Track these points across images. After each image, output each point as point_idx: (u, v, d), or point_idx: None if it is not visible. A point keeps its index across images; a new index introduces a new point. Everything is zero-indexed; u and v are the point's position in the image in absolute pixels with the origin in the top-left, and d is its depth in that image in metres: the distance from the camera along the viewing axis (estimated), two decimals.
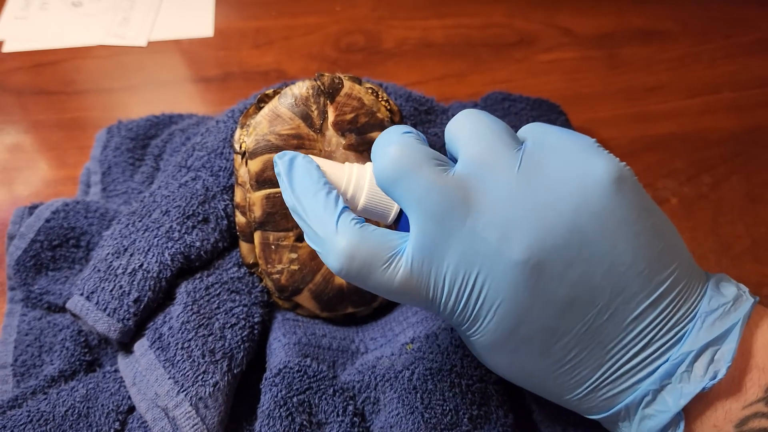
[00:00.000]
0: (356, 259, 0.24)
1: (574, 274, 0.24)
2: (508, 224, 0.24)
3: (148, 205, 0.37)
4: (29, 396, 0.34)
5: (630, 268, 0.24)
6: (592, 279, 0.24)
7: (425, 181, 0.24)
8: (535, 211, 0.24)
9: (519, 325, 0.25)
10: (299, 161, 0.27)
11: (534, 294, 0.24)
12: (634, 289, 0.24)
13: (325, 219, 0.25)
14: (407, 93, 0.43)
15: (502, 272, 0.24)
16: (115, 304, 0.33)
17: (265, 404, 0.32)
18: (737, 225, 0.47)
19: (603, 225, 0.24)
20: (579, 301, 0.24)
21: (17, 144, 0.50)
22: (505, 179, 0.24)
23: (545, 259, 0.24)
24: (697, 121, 0.53)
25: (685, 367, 0.24)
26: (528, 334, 0.25)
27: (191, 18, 0.60)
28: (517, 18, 0.61)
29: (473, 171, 0.25)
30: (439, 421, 0.31)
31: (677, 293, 0.25)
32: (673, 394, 0.24)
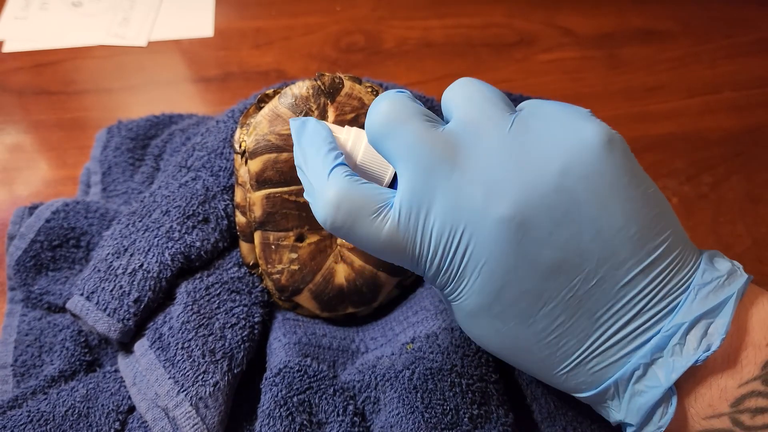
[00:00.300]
0: (342, 208, 0.25)
1: (561, 236, 0.23)
2: (494, 181, 0.24)
3: (148, 205, 0.37)
4: (29, 396, 0.34)
5: (620, 232, 0.24)
6: (579, 242, 0.23)
7: (413, 134, 0.24)
8: (522, 170, 0.24)
9: (504, 286, 0.24)
10: (311, 122, 0.28)
11: (519, 253, 0.23)
12: (624, 254, 0.24)
13: (320, 171, 0.26)
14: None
15: (487, 229, 0.23)
16: (116, 304, 0.33)
17: (266, 404, 0.32)
18: (737, 225, 0.47)
19: (592, 187, 0.24)
20: (566, 265, 0.24)
21: (17, 144, 0.50)
22: (495, 138, 0.24)
23: (531, 218, 0.23)
24: (697, 121, 0.53)
25: (678, 339, 0.23)
26: (513, 297, 0.24)
27: (191, 18, 0.60)
28: (517, 18, 0.61)
29: (464, 129, 0.25)
30: (440, 421, 0.31)
31: (670, 262, 0.24)
32: (664, 368, 0.24)
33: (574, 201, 0.23)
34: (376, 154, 0.27)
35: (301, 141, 0.27)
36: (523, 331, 0.25)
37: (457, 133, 0.25)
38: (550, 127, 0.24)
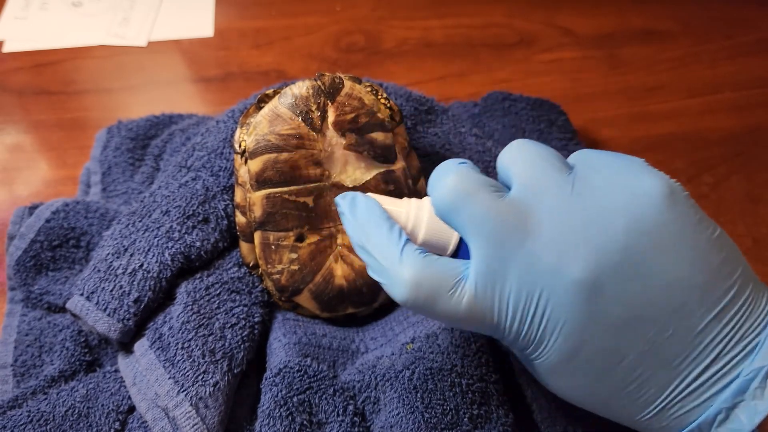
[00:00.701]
0: (423, 288, 0.25)
1: (632, 292, 0.24)
2: (564, 245, 0.24)
3: (148, 205, 0.37)
4: (29, 396, 0.34)
5: (689, 282, 0.24)
6: (650, 295, 0.24)
7: (483, 207, 0.25)
8: (589, 231, 0.24)
9: (582, 345, 0.25)
10: (361, 198, 0.28)
11: (593, 312, 0.24)
12: (695, 303, 0.24)
13: (389, 250, 0.26)
14: (407, 93, 0.43)
15: (563, 292, 0.24)
16: (116, 304, 0.33)
17: (266, 404, 0.31)
18: (738, 225, 0.47)
19: (656, 241, 0.24)
20: (639, 319, 0.24)
21: (17, 144, 0.50)
22: (559, 202, 0.25)
23: (602, 277, 0.24)
24: (697, 121, 0.53)
25: (759, 382, 0.24)
26: (591, 354, 0.25)
27: (191, 18, 0.60)
28: (517, 18, 0.61)
29: (527, 195, 0.25)
30: (440, 421, 0.31)
31: (741, 305, 0.24)
32: (747, 412, 0.24)
33: (641, 257, 0.24)
34: (439, 224, 0.27)
35: (357, 218, 0.27)
36: (602, 384, 0.25)
37: (523, 200, 0.25)
38: (611, 183, 0.25)
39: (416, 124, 0.42)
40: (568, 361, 0.25)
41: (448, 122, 0.43)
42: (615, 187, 0.25)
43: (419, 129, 0.42)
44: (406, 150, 0.36)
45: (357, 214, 0.28)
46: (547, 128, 0.47)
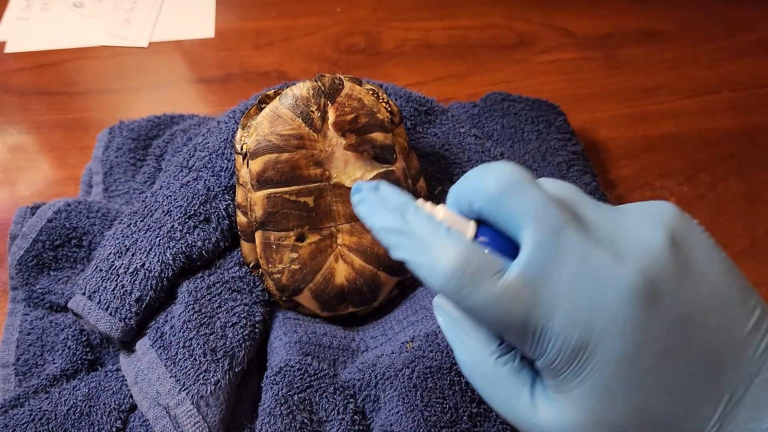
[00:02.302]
0: (471, 265, 0.24)
1: (683, 292, 0.24)
2: (615, 244, 0.24)
3: (149, 205, 0.37)
4: (31, 395, 0.34)
5: (726, 289, 0.24)
6: (699, 297, 0.24)
7: (541, 194, 0.24)
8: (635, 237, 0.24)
9: (641, 349, 0.23)
10: (384, 184, 0.27)
11: (652, 313, 0.23)
12: (734, 311, 0.24)
13: (432, 229, 0.25)
14: (407, 94, 0.43)
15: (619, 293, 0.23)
16: (117, 304, 0.33)
17: (266, 402, 0.32)
18: (736, 225, 0.47)
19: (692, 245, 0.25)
20: (692, 320, 0.24)
21: (19, 144, 0.50)
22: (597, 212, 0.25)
23: (656, 276, 0.24)
24: (696, 121, 0.53)
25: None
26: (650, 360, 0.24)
27: (192, 19, 0.60)
28: (516, 19, 0.61)
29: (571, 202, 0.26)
30: (439, 419, 0.31)
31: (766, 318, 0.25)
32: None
33: (684, 259, 0.24)
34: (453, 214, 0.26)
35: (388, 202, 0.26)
36: (661, 399, 0.24)
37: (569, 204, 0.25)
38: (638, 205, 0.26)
39: (416, 124, 0.42)
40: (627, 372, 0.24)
41: (448, 123, 0.43)
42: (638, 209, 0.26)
43: (419, 129, 0.42)
44: (405, 150, 0.37)
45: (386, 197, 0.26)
46: (545, 129, 0.47)
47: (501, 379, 0.26)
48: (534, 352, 0.25)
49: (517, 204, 0.25)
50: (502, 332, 0.25)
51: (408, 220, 0.25)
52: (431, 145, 0.42)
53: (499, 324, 0.24)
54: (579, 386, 0.24)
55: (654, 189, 0.49)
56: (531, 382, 0.26)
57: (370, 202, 0.27)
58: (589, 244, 0.24)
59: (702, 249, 0.25)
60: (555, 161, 0.45)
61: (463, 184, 0.26)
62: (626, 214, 0.26)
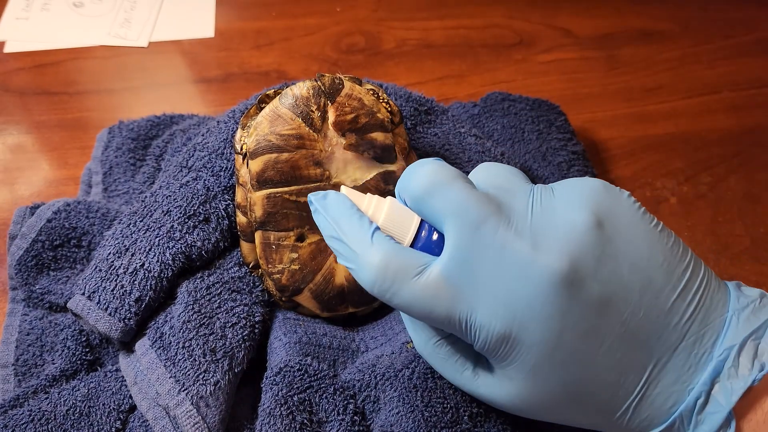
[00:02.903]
0: (390, 269, 0.25)
1: (604, 272, 0.25)
2: (536, 232, 0.25)
3: (149, 205, 0.37)
4: (31, 395, 0.34)
5: (650, 261, 0.25)
6: (620, 275, 0.25)
7: (462, 191, 0.26)
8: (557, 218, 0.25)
9: (563, 330, 0.25)
10: (332, 194, 0.29)
11: (572, 295, 0.24)
12: (660, 281, 0.25)
13: (360, 236, 0.27)
14: (407, 93, 0.43)
15: (539, 277, 0.24)
16: (117, 304, 0.33)
17: (266, 403, 0.32)
18: (736, 224, 0.47)
19: (615, 224, 0.25)
20: (614, 299, 0.25)
21: (19, 144, 0.50)
22: (526, 197, 0.26)
23: (577, 260, 0.24)
24: (696, 121, 0.53)
25: (731, 362, 0.24)
26: (573, 340, 0.25)
27: (192, 19, 0.60)
28: (516, 19, 0.61)
29: (498, 192, 0.27)
30: (440, 420, 0.31)
31: (700, 284, 0.25)
32: (723, 392, 0.24)
33: (607, 238, 0.25)
34: (398, 214, 0.28)
35: (328, 211, 0.28)
36: (585, 374, 0.25)
37: (493, 194, 0.26)
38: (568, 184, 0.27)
39: (416, 124, 0.42)
40: (551, 353, 0.25)
41: (448, 123, 0.43)
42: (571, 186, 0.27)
43: (419, 129, 0.42)
44: (405, 150, 0.36)
45: (328, 207, 0.28)
46: (546, 128, 0.47)
47: (445, 359, 0.29)
48: (465, 339, 0.26)
49: (439, 203, 0.26)
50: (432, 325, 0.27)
51: (342, 228, 0.27)
52: (431, 145, 0.42)
53: (426, 319, 0.26)
54: (510, 366, 0.26)
55: (654, 189, 0.49)
56: (475, 357, 0.28)
57: (318, 212, 0.29)
58: (508, 236, 0.25)
59: (628, 224, 0.26)
60: (555, 161, 0.45)
61: (400, 182, 0.28)
62: (556, 196, 0.26)
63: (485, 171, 0.28)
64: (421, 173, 0.27)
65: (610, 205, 0.26)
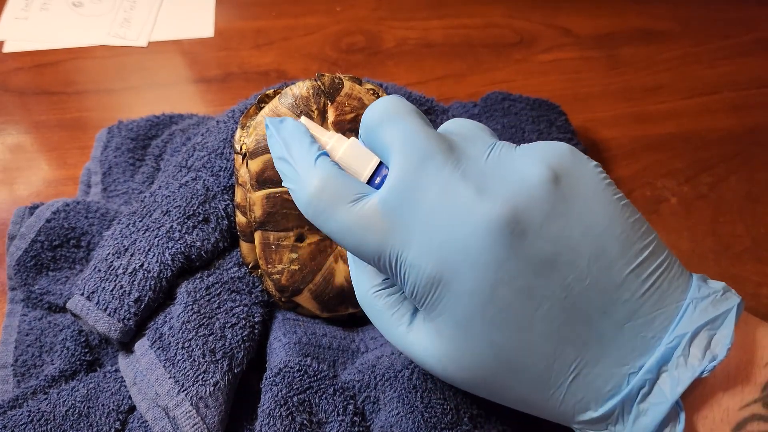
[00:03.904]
0: (326, 191, 0.25)
1: (552, 229, 0.23)
2: (484, 178, 0.24)
3: (148, 205, 0.37)
4: (30, 396, 0.34)
5: (606, 230, 0.24)
6: (570, 237, 0.23)
7: (412, 125, 0.25)
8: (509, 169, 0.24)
9: (496, 284, 0.23)
10: (289, 120, 0.28)
11: (511, 247, 0.23)
12: (614, 252, 0.23)
13: (305, 159, 0.26)
14: (407, 93, 0.43)
15: (477, 225, 0.23)
16: (116, 304, 0.33)
17: (266, 403, 0.32)
18: (737, 225, 0.47)
19: (575, 185, 0.24)
20: (558, 260, 0.23)
21: (18, 144, 0.50)
22: (483, 144, 0.25)
23: (522, 212, 0.23)
24: (696, 121, 0.53)
25: (681, 350, 0.23)
26: (507, 296, 0.23)
27: (192, 18, 0.60)
28: (516, 18, 0.61)
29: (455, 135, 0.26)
30: (440, 420, 0.31)
31: (659, 265, 0.24)
32: (669, 382, 0.23)
33: (561, 196, 0.24)
34: (358, 150, 0.27)
35: (281, 133, 0.27)
36: (519, 338, 0.24)
37: (450, 137, 0.26)
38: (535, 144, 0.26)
39: None
40: (482, 306, 0.23)
41: None
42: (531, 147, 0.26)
43: None
44: None
45: (282, 129, 0.27)
46: (546, 128, 0.47)
47: (381, 310, 0.27)
48: (395, 281, 0.25)
49: (388, 134, 0.25)
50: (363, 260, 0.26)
51: (290, 148, 0.26)
52: None
53: (356, 251, 0.25)
54: (439, 317, 0.24)
55: (655, 188, 0.48)
56: (412, 312, 0.27)
57: (272, 135, 0.28)
58: (453, 176, 0.24)
59: (587, 189, 0.24)
60: None
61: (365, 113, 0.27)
62: (516, 152, 0.25)
63: (453, 122, 0.27)
64: (376, 106, 0.26)
65: (572, 166, 0.24)
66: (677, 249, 0.25)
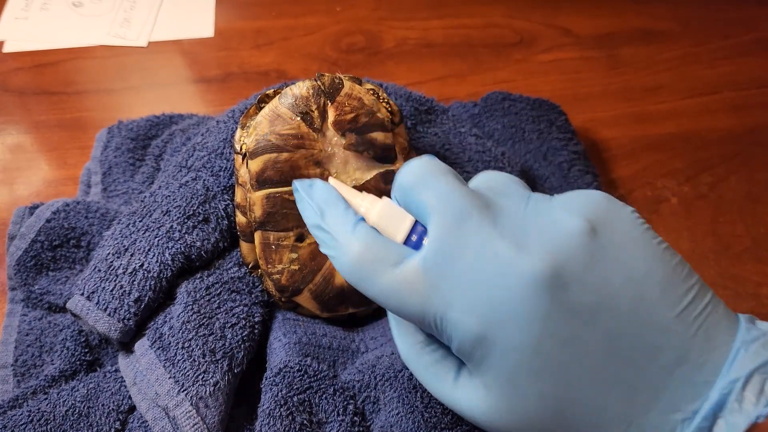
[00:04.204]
0: (368, 257, 0.25)
1: (593, 279, 0.23)
2: (523, 234, 0.24)
3: (148, 205, 0.37)
4: (30, 396, 0.34)
5: (646, 276, 0.24)
6: (610, 285, 0.23)
7: (448, 185, 0.25)
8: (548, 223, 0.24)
9: (541, 336, 0.23)
10: (318, 182, 0.28)
11: (554, 300, 0.23)
12: (655, 297, 0.23)
13: (343, 225, 0.26)
14: (407, 93, 0.43)
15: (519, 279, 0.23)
16: (116, 304, 0.33)
17: (266, 403, 0.32)
18: (737, 225, 0.47)
19: (612, 234, 0.24)
20: (601, 308, 0.23)
21: (18, 144, 0.50)
22: (519, 200, 0.26)
23: (562, 265, 0.23)
24: (696, 121, 0.53)
25: (735, 395, 0.22)
26: (552, 348, 0.23)
27: (192, 18, 0.60)
28: (517, 18, 0.61)
29: (490, 191, 0.26)
30: (440, 420, 0.31)
31: (704, 308, 0.24)
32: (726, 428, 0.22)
33: (600, 246, 0.24)
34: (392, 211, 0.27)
35: (313, 198, 0.28)
36: (567, 388, 0.24)
37: (485, 193, 0.26)
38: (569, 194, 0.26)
39: (416, 124, 0.42)
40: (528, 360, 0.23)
41: (448, 122, 0.43)
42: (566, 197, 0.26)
43: (419, 129, 0.42)
44: (406, 150, 0.36)
45: (314, 195, 0.28)
46: (546, 128, 0.47)
47: (427, 366, 0.27)
48: (442, 339, 0.25)
49: (424, 196, 0.25)
50: (407, 320, 0.26)
51: (325, 215, 0.27)
52: (432, 145, 0.42)
53: (401, 313, 0.25)
54: (487, 372, 0.24)
55: (655, 189, 0.48)
56: (457, 367, 0.27)
57: (303, 199, 0.28)
58: (493, 233, 0.24)
59: (626, 237, 0.24)
60: (556, 161, 0.45)
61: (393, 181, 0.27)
62: (553, 203, 0.26)
63: (484, 175, 0.28)
64: (410, 167, 0.26)
65: (609, 215, 0.25)
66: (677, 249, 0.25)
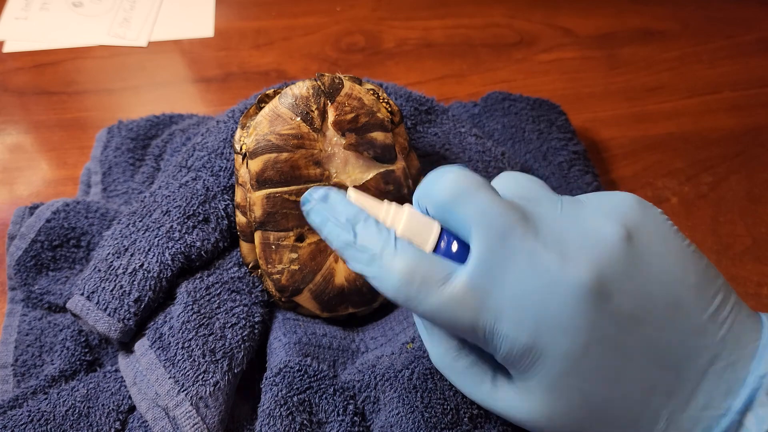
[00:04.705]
0: (416, 277, 0.25)
1: (632, 286, 0.24)
2: (565, 244, 0.25)
3: (148, 205, 0.37)
4: (30, 396, 0.34)
5: (682, 282, 0.24)
6: (649, 291, 0.24)
7: (487, 199, 0.25)
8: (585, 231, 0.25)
9: (589, 342, 0.24)
10: (333, 194, 0.27)
11: (598, 308, 0.24)
12: (690, 302, 0.24)
13: (382, 242, 0.26)
14: (407, 93, 0.43)
15: (566, 293, 0.24)
16: (116, 304, 0.33)
17: (266, 403, 0.32)
18: (737, 224, 0.47)
19: (646, 240, 0.25)
20: (641, 314, 0.24)
21: (18, 144, 0.50)
22: (554, 208, 0.26)
23: (605, 273, 0.24)
24: (697, 120, 0.53)
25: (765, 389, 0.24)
26: (599, 353, 0.24)
27: (191, 18, 0.60)
28: (517, 18, 0.61)
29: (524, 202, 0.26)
30: (440, 420, 0.31)
31: (732, 308, 0.25)
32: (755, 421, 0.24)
33: (637, 252, 0.25)
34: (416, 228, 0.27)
35: (338, 215, 0.27)
36: (611, 390, 0.25)
37: (521, 204, 0.26)
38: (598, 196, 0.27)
39: (416, 124, 0.42)
40: (577, 364, 0.24)
41: (448, 122, 0.43)
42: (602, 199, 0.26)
43: (419, 129, 0.42)
44: (406, 150, 0.36)
45: (338, 211, 0.27)
46: (546, 128, 0.47)
47: (462, 370, 0.28)
48: (488, 349, 0.26)
49: (464, 211, 0.25)
50: (455, 333, 0.26)
51: (358, 234, 0.26)
52: (432, 145, 0.42)
53: (450, 328, 0.26)
54: (533, 377, 0.25)
55: (655, 189, 0.48)
56: (493, 370, 0.28)
57: (320, 213, 0.27)
58: (536, 246, 0.24)
59: (659, 241, 0.25)
60: (556, 161, 0.45)
61: (421, 189, 0.27)
62: (585, 207, 0.26)
63: (509, 180, 0.28)
64: (445, 180, 0.26)
65: (641, 219, 0.25)
66: None
